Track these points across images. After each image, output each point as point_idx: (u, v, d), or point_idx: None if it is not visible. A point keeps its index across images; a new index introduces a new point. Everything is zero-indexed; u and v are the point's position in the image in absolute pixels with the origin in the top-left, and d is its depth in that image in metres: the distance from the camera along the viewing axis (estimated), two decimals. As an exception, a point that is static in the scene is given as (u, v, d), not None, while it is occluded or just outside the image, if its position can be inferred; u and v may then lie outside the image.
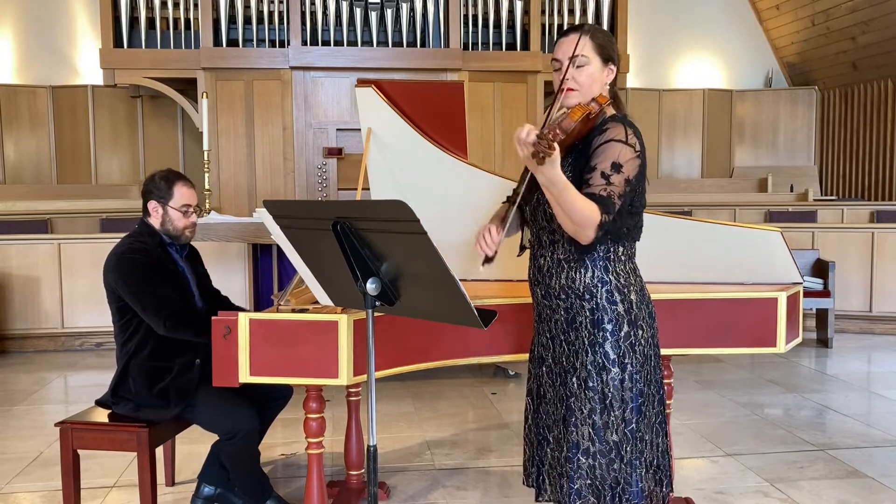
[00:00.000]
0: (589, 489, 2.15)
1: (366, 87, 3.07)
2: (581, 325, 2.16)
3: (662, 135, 10.46)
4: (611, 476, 2.14)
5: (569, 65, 2.11)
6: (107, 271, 2.92)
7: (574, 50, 2.10)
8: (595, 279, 2.14)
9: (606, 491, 2.14)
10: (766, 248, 2.96)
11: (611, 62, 2.17)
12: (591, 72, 2.14)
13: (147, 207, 3.00)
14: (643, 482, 2.17)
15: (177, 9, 7.94)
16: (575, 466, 2.15)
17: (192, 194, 3.01)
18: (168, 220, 2.97)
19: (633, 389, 2.14)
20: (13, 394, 5.08)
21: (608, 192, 2.03)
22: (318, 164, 7.84)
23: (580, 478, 2.15)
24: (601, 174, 2.05)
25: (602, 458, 2.14)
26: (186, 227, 2.99)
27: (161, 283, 2.89)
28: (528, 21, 8.20)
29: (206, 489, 3.19)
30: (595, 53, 2.14)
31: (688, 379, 5.33)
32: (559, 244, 2.16)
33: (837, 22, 9.57)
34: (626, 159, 2.06)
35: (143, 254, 2.91)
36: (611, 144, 2.07)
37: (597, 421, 2.14)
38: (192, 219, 3.00)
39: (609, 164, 2.05)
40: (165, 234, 2.99)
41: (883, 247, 6.74)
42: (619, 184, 2.05)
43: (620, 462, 2.14)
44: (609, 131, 2.10)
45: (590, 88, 2.14)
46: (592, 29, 2.16)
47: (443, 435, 4.21)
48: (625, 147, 2.07)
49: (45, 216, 7.63)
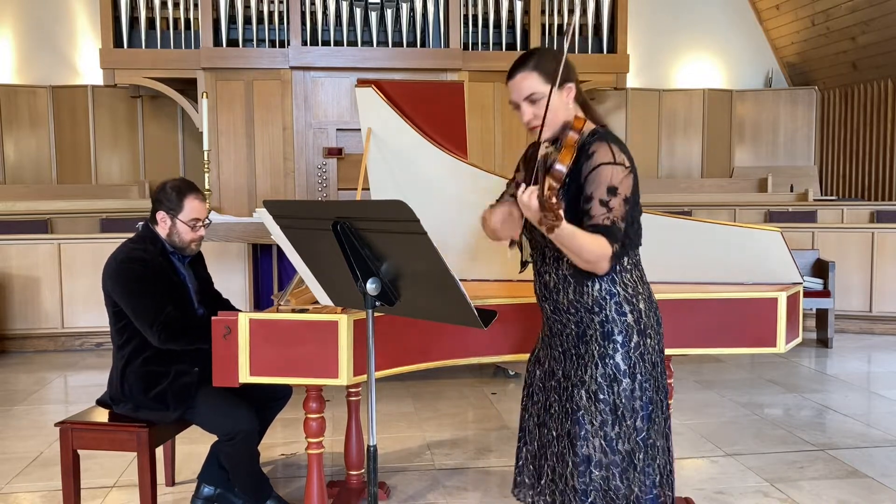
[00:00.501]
0: (603, 501, 2.13)
1: (366, 87, 3.07)
2: (591, 338, 2.15)
3: (662, 135, 10.46)
4: (624, 486, 2.12)
5: (526, 105, 2.11)
6: (105, 277, 2.90)
7: (525, 92, 2.09)
8: (603, 291, 2.13)
9: (620, 501, 2.12)
10: (767, 249, 2.96)
11: (567, 82, 2.11)
12: (551, 103, 2.06)
13: (155, 216, 2.96)
14: (657, 489, 2.16)
15: (177, 9, 7.94)
16: (587, 480, 2.12)
17: (202, 208, 2.96)
18: (175, 232, 2.94)
19: (642, 398, 2.13)
20: (13, 394, 5.08)
21: (611, 219, 2.02)
22: (318, 164, 7.84)
23: (594, 490, 2.12)
24: (600, 202, 2.03)
25: (615, 468, 2.12)
26: (193, 240, 2.97)
27: (158, 294, 2.86)
28: (528, 21, 8.20)
29: (206, 489, 3.19)
30: (545, 83, 2.08)
31: (688, 379, 5.33)
32: (563, 260, 2.14)
33: (837, 22, 9.56)
34: (619, 180, 2.04)
35: (141, 263, 2.87)
36: (601, 170, 2.04)
37: (609, 433, 2.11)
38: (199, 233, 2.97)
39: (605, 190, 2.03)
40: (170, 244, 2.97)
41: (883, 247, 6.74)
42: (619, 206, 2.04)
43: (633, 471, 2.13)
44: (595, 155, 2.06)
45: (556, 117, 2.10)
46: (535, 58, 2.10)
47: (443, 435, 4.21)
48: (615, 168, 2.05)
49: (45, 216, 7.63)
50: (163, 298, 2.87)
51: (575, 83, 2.15)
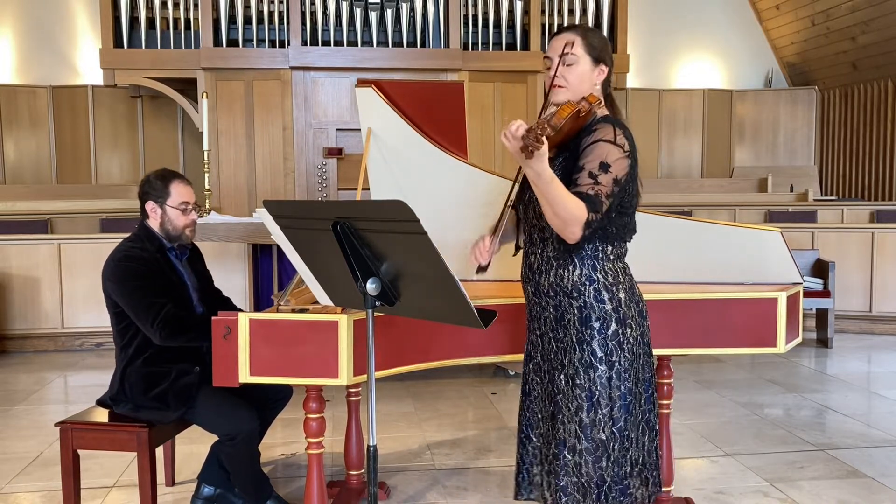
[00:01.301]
0: (575, 486, 2.16)
1: (366, 87, 3.07)
2: (569, 323, 2.17)
3: (662, 135, 10.46)
4: (597, 474, 2.15)
5: (559, 62, 2.13)
6: (105, 278, 2.90)
7: (563, 48, 2.13)
8: (583, 277, 2.15)
9: (592, 489, 2.15)
10: (766, 249, 2.96)
11: (602, 63, 2.19)
12: (581, 71, 2.16)
13: (145, 209, 2.96)
14: (629, 479, 2.18)
15: (177, 9, 7.94)
16: (561, 463, 2.16)
17: (189, 191, 2.97)
18: (167, 219, 2.94)
19: (620, 388, 2.15)
20: (13, 394, 5.08)
21: (595, 190, 2.04)
22: (318, 164, 7.84)
23: (566, 475, 2.16)
24: (589, 174, 2.06)
25: (588, 455, 2.14)
26: (186, 225, 2.96)
27: (157, 291, 2.86)
28: (528, 21, 8.21)
29: (206, 489, 3.19)
30: (585, 53, 2.16)
31: (688, 379, 5.33)
32: (549, 242, 2.17)
33: (837, 22, 9.57)
34: (613, 159, 2.07)
35: (139, 261, 2.88)
36: (598, 144, 2.09)
37: (584, 418, 2.14)
38: (191, 216, 2.97)
39: (597, 164, 2.06)
40: (165, 236, 2.96)
41: (883, 247, 6.74)
42: (607, 183, 2.06)
43: (607, 460, 2.15)
44: (598, 132, 2.11)
45: (579, 87, 2.16)
46: (586, 29, 2.18)
47: (443, 435, 4.21)
48: (612, 147, 2.08)
49: (45, 216, 7.63)
50: (162, 296, 2.87)
51: (609, 70, 2.21)
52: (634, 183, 2.17)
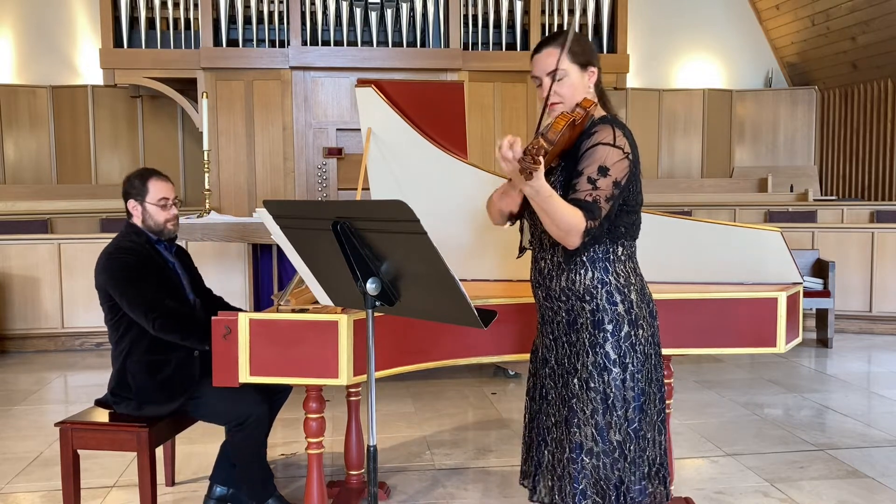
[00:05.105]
0: (593, 489, 2.16)
1: (366, 87, 3.07)
2: (582, 327, 2.17)
3: (662, 135, 10.46)
4: (615, 475, 2.15)
5: (551, 84, 2.12)
6: (97, 272, 2.95)
7: (553, 66, 2.10)
8: (595, 280, 2.15)
9: (611, 490, 2.15)
10: (767, 249, 2.96)
11: (590, 66, 2.17)
12: (572, 82, 2.14)
13: (127, 208, 3.03)
14: (646, 480, 2.18)
15: (177, 9, 7.94)
16: (579, 467, 2.15)
17: (167, 187, 3.04)
18: (148, 216, 3.00)
19: (634, 389, 2.15)
20: (13, 394, 5.08)
21: (594, 196, 2.04)
22: (318, 164, 7.84)
23: (584, 478, 2.15)
24: (587, 179, 2.05)
25: (606, 457, 2.14)
26: (168, 220, 3.02)
27: (151, 281, 2.91)
28: (528, 21, 8.21)
29: (219, 489, 3.20)
30: (571, 62, 2.13)
31: (688, 379, 5.33)
32: (559, 246, 2.16)
33: (837, 22, 9.56)
34: (613, 162, 2.07)
35: (131, 252, 2.93)
36: (598, 148, 2.08)
37: (599, 421, 2.14)
38: (172, 211, 3.03)
39: (596, 168, 2.06)
40: (150, 232, 3.02)
41: (883, 247, 6.74)
42: (606, 187, 2.05)
43: (624, 461, 2.15)
44: (596, 134, 2.11)
45: (574, 97, 2.15)
46: (565, 38, 2.13)
47: (443, 435, 4.21)
48: (612, 149, 2.08)
49: (45, 216, 7.63)
50: (156, 287, 2.91)
51: (598, 70, 2.19)
52: (638, 181, 2.16)
